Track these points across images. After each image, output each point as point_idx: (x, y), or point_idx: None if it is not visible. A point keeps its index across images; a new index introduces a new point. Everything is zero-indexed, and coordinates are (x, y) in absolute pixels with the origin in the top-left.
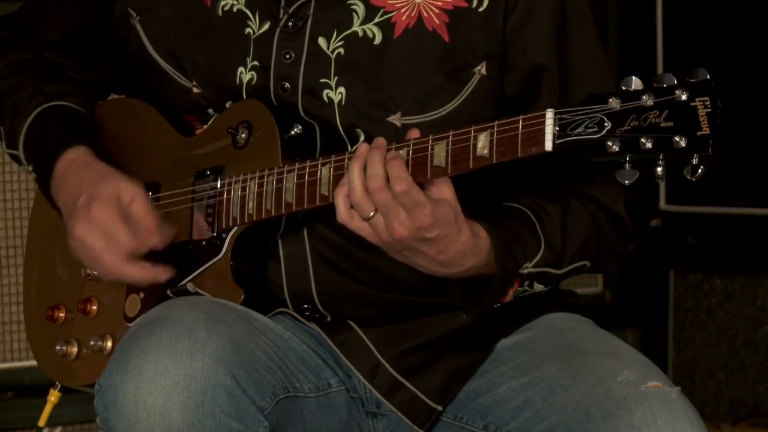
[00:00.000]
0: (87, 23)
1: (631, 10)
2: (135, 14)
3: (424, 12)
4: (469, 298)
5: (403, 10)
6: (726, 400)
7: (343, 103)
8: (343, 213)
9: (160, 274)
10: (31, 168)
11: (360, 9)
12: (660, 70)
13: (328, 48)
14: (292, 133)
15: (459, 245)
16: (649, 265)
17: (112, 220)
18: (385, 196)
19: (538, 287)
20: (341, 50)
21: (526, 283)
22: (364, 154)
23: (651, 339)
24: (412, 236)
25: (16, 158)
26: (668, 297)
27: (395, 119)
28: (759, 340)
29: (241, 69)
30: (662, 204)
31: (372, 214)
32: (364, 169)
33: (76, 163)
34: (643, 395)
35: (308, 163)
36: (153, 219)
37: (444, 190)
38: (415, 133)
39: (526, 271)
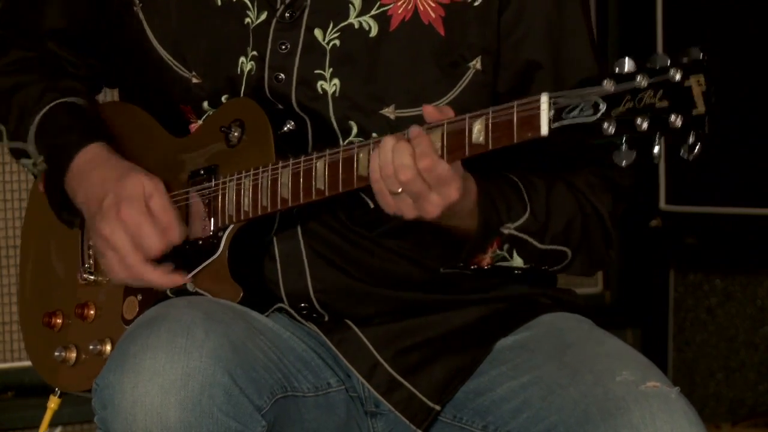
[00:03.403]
0: (87, 11)
1: (631, 9)
2: (138, 1)
3: (420, 5)
4: (447, 253)
5: (399, 3)
6: (726, 400)
7: (336, 95)
8: (375, 174)
9: (179, 278)
10: (42, 159)
11: (356, 1)
12: None
13: (324, 39)
14: (285, 129)
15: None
16: (649, 265)
17: (141, 221)
18: (417, 185)
19: (517, 260)
20: (337, 42)
21: (505, 248)
22: (397, 139)
23: (651, 339)
24: (442, 212)
25: (18, 151)
26: (668, 297)
27: (389, 112)
28: (759, 340)
29: (242, 59)
30: (662, 204)
31: (399, 190)
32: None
33: (96, 160)
34: (642, 395)
35: (303, 158)
36: (171, 214)
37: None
38: (428, 108)
39: (507, 231)
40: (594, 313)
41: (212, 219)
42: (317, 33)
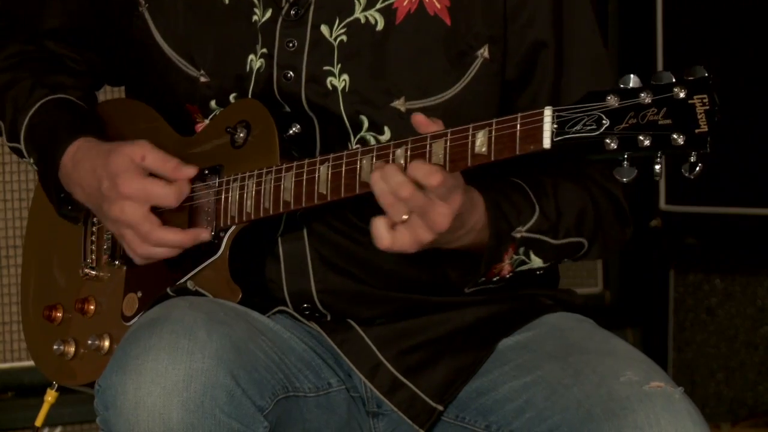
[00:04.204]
0: (88, 11)
1: (631, 10)
2: (144, 2)
3: None
4: (468, 272)
5: None
6: (726, 400)
7: (346, 90)
8: (385, 240)
9: (203, 233)
10: (32, 161)
11: None
12: (660, 69)
13: (331, 35)
14: (291, 132)
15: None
16: (649, 265)
17: (143, 185)
18: (419, 199)
19: (536, 261)
20: (344, 37)
21: (521, 250)
22: (379, 167)
23: (651, 339)
24: (452, 222)
25: (17, 151)
26: (668, 297)
27: (399, 104)
28: (759, 340)
29: (251, 56)
30: (662, 204)
31: (406, 216)
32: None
33: (79, 154)
34: (646, 395)
35: (306, 162)
36: (172, 160)
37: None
38: (419, 117)
39: (519, 234)
40: (594, 313)
41: (214, 219)
42: (324, 29)
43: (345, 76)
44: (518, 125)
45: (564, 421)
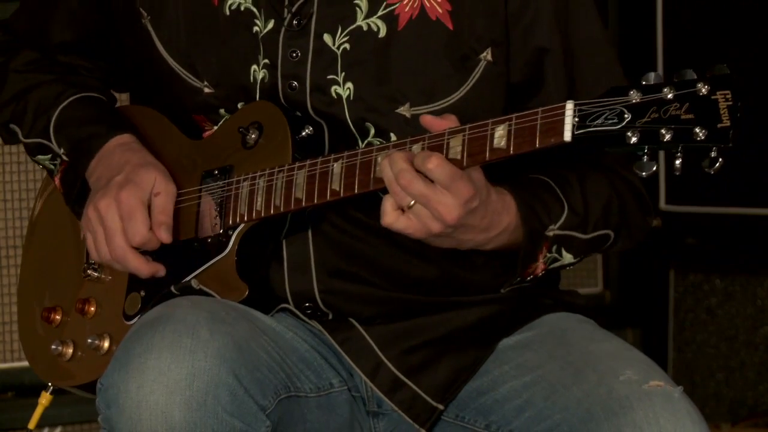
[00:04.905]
0: (95, 24)
1: (631, 10)
2: (146, 14)
3: (426, 2)
4: (503, 273)
5: (405, 1)
6: (726, 400)
7: (351, 98)
8: (389, 217)
9: (159, 269)
10: (63, 151)
11: (363, 3)
12: (660, 69)
13: (334, 44)
14: (303, 134)
15: (491, 204)
16: (649, 265)
17: (136, 207)
18: (419, 186)
19: (567, 257)
20: (347, 45)
21: (554, 249)
22: (388, 155)
23: (651, 339)
24: (462, 214)
25: (35, 147)
26: (668, 297)
27: (404, 110)
28: (759, 340)
29: (254, 67)
30: (662, 204)
31: (412, 202)
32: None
33: (127, 146)
34: (646, 394)
35: (320, 159)
36: (168, 217)
37: None
38: (427, 118)
39: (551, 233)
40: (594, 313)
41: (223, 217)
42: (327, 38)
43: (349, 84)
44: (539, 119)
45: (564, 420)
